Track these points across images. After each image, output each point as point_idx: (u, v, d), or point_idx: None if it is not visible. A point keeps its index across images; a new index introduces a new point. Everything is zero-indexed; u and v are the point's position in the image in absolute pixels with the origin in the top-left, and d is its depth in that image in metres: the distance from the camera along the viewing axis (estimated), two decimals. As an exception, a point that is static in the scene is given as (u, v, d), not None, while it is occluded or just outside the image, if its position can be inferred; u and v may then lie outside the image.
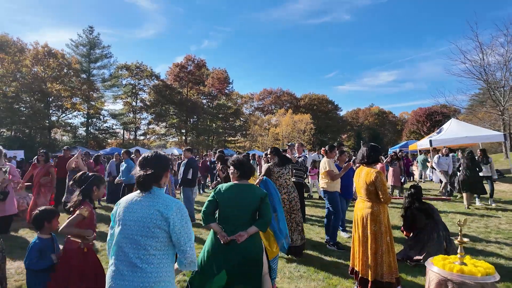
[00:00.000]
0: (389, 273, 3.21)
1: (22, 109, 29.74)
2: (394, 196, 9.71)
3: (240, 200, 2.58)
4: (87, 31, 36.96)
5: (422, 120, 43.35)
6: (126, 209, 1.81)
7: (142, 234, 1.73)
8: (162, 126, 43.75)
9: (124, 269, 1.71)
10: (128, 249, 1.73)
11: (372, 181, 3.31)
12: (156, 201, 1.78)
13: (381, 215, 3.32)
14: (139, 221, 1.75)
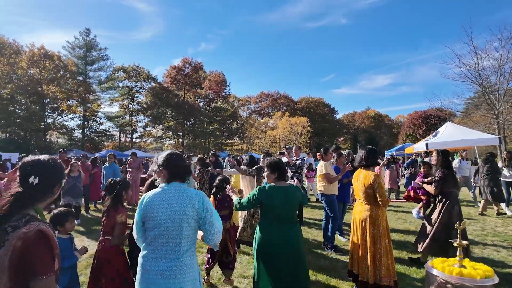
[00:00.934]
0: (388, 276, 3.21)
1: (17, 111, 29.55)
2: (391, 199, 9.75)
3: (289, 201, 2.76)
4: (84, 33, 36.93)
5: (418, 123, 43.66)
6: (158, 204, 1.96)
7: (176, 225, 1.91)
8: (159, 128, 43.64)
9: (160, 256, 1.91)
10: (163, 239, 1.91)
11: (370, 184, 3.32)
12: (186, 195, 1.99)
13: (379, 218, 3.33)
14: (173, 214, 1.93)
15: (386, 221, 3.43)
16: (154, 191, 2.05)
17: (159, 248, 1.91)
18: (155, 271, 1.88)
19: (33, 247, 1.20)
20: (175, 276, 1.88)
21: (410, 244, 5.32)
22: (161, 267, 1.88)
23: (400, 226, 6.59)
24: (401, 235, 5.89)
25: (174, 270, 1.88)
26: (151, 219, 1.96)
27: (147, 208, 1.98)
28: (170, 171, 2.06)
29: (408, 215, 7.72)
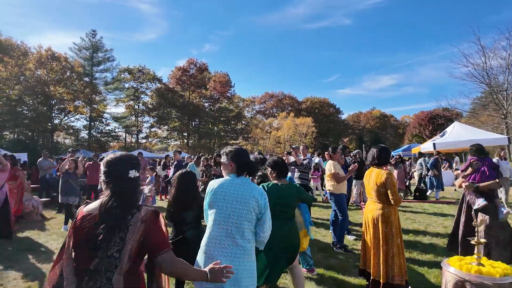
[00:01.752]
0: (400, 275, 3.20)
1: (25, 112, 29.84)
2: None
3: (285, 198, 2.95)
4: (90, 34, 37.17)
5: (424, 123, 43.31)
6: (225, 192, 2.14)
7: (240, 215, 2.08)
8: (164, 129, 43.79)
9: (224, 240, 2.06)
10: (228, 226, 2.08)
11: (382, 182, 3.31)
12: (251, 189, 2.16)
13: (392, 217, 3.31)
14: (237, 204, 2.10)
15: (398, 220, 3.41)
16: (222, 180, 2.23)
17: (223, 235, 2.06)
18: (219, 254, 2.02)
19: (155, 225, 1.45)
20: (238, 258, 2.03)
21: (420, 244, 5.29)
22: (225, 252, 2.04)
23: (409, 226, 6.54)
24: (410, 235, 5.84)
25: (239, 254, 2.05)
26: (218, 206, 2.13)
27: (214, 195, 2.16)
28: (238, 164, 2.23)
29: (417, 215, 7.67)
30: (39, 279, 3.92)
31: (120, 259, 1.38)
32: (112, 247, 1.38)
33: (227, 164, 2.31)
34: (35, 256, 4.84)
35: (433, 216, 7.55)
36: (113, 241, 1.38)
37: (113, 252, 1.37)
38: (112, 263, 1.37)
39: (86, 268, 1.37)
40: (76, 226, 1.47)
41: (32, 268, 4.32)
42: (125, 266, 1.38)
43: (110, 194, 1.48)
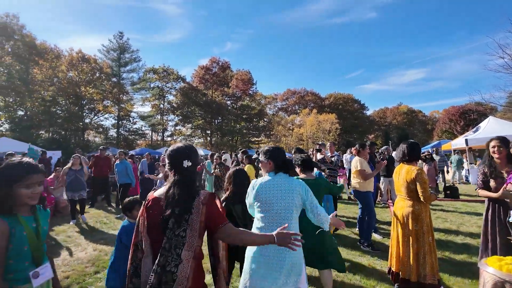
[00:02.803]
0: (432, 274, 3.10)
1: (58, 112, 31.43)
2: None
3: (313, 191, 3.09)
4: (117, 36, 38.47)
5: (455, 119, 41.27)
6: (269, 189, 2.36)
7: (286, 208, 2.28)
8: (188, 127, 44.64)
9: None
10: (276, 219, 2.28)
11: (413, 178, 3.20)
12: (292, 183, 2.38)
13: (422, 214, 3.20)
14: (283, 199, 2.31)
15: (430, 217, 3.29)
16: (264, 179, 2.44)
17: (272, 226, 2.23)
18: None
19: (213, 205, 1.67)
20: (287, 250, 2.15)
21: (452, 244, 5.08)
22: None
23: (440, 225, 6.28)
24: (442, 234, 5.61)
25: None
26: (264, 202, 2.35)
27: (259, 193, 2.37)
28: (276, 163, 2.44)
29: (448, 214, 7.35)
30: (75, 269, 4.13)
31: (186, 237, 1.59)
32: (178, 228, 1.60)
33: (265, 163, 2.51)
34: (72, 246, 5.11)
35: (466, 215, 7.21)
36: (179, 223, 1.60)
37: (180, 232, 1.60)
38: (180, 241, 1.58)
39: (159, 246, 1.59)
40: (147, 208, 1.74)
41: (68, 259, 4.56)
42: (191, 243, 1.60)
43: (172, 182, 1.72)
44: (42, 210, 1.82)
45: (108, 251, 4.88)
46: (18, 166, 1.62)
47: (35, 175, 1.65)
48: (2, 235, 1.54)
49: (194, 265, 1.60)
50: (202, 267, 1.71)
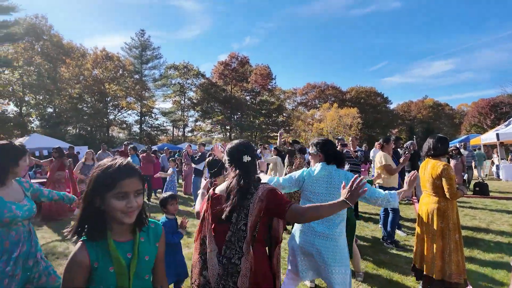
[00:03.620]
0: (458, 273, 2.99)
1: (84, 109, 32.67)
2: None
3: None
4: (139, 34, 39.25)
5: (485, 112, 39.36)
6: (320, 179, 2.54)
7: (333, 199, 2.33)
8: (208, 123, 45.13)
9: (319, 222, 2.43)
10: None
11: (438, 174, 3.09)
12: (341, 174, 2.53)
13: (448, 211, 3.09)
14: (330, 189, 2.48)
15: (457, 214, 3.17)
16: (314, 168, 2.61)
17: None
18: (315, 232, 2.45)
19: (272, 194, 1.70)
20: (332, 239, 2.40)
21: (482, 243, 4.88)
22: (321, 230, 2.44)
23: (469, 223, 6.03)
24: (470, 232, 5.40)
25: (332, 235, 2.42)
26: (312, 192, 2.53)
27: (309, 181, 2.57)
28: (325, 155, 2.58)
29: (477, 211, 7.05)
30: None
31: (246, 231, 1.66)
32: (239, 221, 1.67)
33: (315, 155, 2.64)
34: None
35: (496, 213, 6.88)
36: (239, 217, 1.67)
37: (240, 226, 1.67)
38: (241, 235, 1.66)
39: (223, 239, 1.69)
40: (211, 204, 1.81)
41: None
42: (250, 236, 1.66)
43: (233, 177, 1.77)
44: (151, 231, 1.36)
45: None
46: (112, 169, 1.17)
47: (128, 180, 1.17)
48: (78, 270, 1.13)
49: (255, 257, 1.68)
50: (265, 257, 1.78)
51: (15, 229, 2.10)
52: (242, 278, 1.61)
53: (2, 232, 2.03)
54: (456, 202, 3.19)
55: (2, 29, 22.75)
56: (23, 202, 2.18)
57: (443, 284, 3.02)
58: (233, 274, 1.63)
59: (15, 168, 2.17)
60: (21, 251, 2.11)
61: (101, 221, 1.19)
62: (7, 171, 2.13)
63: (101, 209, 1.17)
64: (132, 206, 1.17)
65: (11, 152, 2.16)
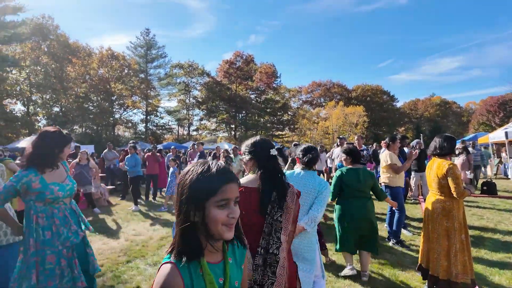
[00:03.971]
0: (464, 273, 2.97)
1: (90, 108, 32.92)
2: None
3: (363, 181, 3.60)
4: (144, 33, 39.41)
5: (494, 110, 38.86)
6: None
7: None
8: (213, 121, 45.19)
9: None
10: None
11: (444, 173, 3.07)
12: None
13: (454, 211, 3.07)
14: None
15: (464, 214, 3.14)
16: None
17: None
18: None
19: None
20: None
21: (489, 243, 4.82)
22: None
23: (476, 223, 5.96)
24: (477, 232, 5.33)
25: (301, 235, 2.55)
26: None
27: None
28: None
29: (485, 211, 6.96)
30: (109, 258, 4.34)
31: (282, 222, 1.71)
32: (276, 213, 1.72)
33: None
34: (105, 236, 5.37)
35: (504, 213, 6.79)
36: (274, 209, 1.72)
37: (277, 217, 1.71)
38: (278, 226, 1.70)
39: (261, 230, 1.71)
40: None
41: (102, 248, 4.80)
42: (286, 228, 1.72)
43: (263, 171, 1.80)
44: (237, 250, 1.16)
45: (139, 242, 5.08)
46: (210, 172, 0.99)
47: (230, 185, 1.00)
48: None
49: (288, 248, 1.77)
50: (290, 250, 1.85)
51: (57, 207, 2.32)
52: (280, 268, 1.66)
53: (46, 210, 2.26)
54: (462, 202, 3.16)
55: (9, 29, 23.04)
56: (66, 182, 2.42)
57: (449, 284, 2.99)
58: (272, 264, 1.66)
59: (60, 154, 2.43)
60: (71, 227, 2.35)
61: (197, 238, 0.99)
62: (56, 156, 2.39)
63: (195, 223, 0.98)
64: (235, 217, 0.99)
65: (60, 139, 2.41)
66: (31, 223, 2.22)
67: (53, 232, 2.24)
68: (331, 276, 3.67)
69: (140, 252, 4.55)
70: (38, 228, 2.21)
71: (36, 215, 2.23)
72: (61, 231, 2.26)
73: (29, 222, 2.23)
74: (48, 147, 2.33)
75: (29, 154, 2.29)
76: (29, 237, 2.20)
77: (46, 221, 2.24)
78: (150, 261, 4.21)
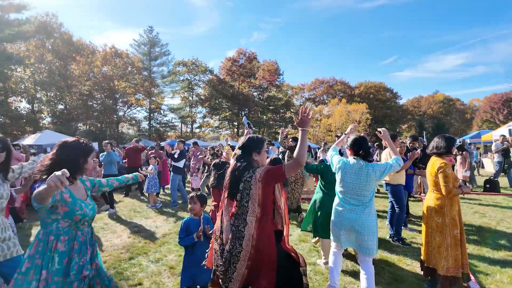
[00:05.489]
0: (456, 267, 3.08)
1: (94, 106, 33.05)
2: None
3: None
4: (148, 30, 39.38)
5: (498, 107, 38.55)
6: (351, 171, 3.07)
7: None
8: (216, 119, 45.25)
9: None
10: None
11: (436, 171, 3.20)
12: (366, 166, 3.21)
13: (446, 207, 3.17)
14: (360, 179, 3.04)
15: (458, 211, 3.23)
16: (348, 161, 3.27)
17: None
18: (346, 209, 3.01)
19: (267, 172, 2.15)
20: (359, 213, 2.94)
21: (490, 241, 4.82)
22: (349, 207, 2.99)
23: (478, 221, 5.95)
24: (479, 230, 5.33)
25: (358, 210, 2.94)
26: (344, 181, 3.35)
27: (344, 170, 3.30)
28: (354, 150, 3.10)
29: (487, 209, 6.95)
30: (111, 255, 4.40)
31: (248, 207, 2.14)
32: (242, 199, 2.17)
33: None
34: (108, 233, 5.43)
35: (508, 210, 6.77)
36: (242, 196, 2.17)
37: (243, 203, 2.16)
38: (245, 209, 2.15)
39: (233, 212, 2.22)
40: (225, 187, 2.35)
41: (105, 245, 4.86)
42: (252, 211, 2.13)
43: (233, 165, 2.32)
44: None
45: (141, 239, 5.13)
46: None
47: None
48: None
49: (257, 227, 2.11)
50: (268, 229, 2.15)
51: (82, 229, 2.08)
52: (246, 241, 2.10)
53: (69, 231, 2.00)
54: (457, 199, 3.25)
55: (14, 28, 23.14)
56: (88, 201, 2.15)
57: (443, 277, 3.09)
58: (239, 238, 2.12)
59: (85, 164, 2.17)
60: (91, 252, 2.11)
61: None
62: (80, 167, 2.14)
63: None
64: None
65: (83, 148, 2.17)
66: (48, 251, 1.92)
67: (69, 258, 1.97)
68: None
69: (143, 249, 4.60)
70: (55, 255, 1.93)
71: (56, 239, 1.95)
72: (76, 258, 1.99)
73: (44, 250, 1.93)
74: (69, 157, 2.07)
75: (49, 166, 2.00)
76: (42, 269, 1.89)
77: (67, 245, 1.97)
78: (153, 258, 4.26)
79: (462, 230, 3.20)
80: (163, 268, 3.90)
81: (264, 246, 2.09)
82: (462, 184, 3.33)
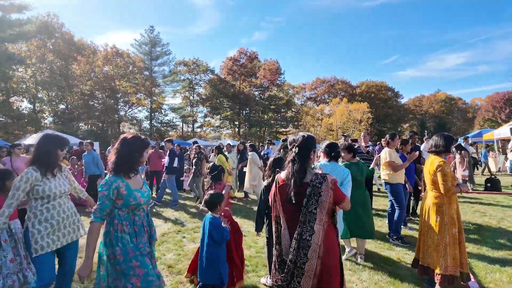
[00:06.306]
0: (454, 266, 3.07)
1: (96, 105, 33.14)
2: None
3: (364, 172, 4.19)
4: (149, 30, 39.42)
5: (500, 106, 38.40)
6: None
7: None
8: (217, 118, 45.21)
9: None
10: None
11: (434, 170, 3.20)
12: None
13: (444, 206, 3.16)
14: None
15: (457, 210, 3.22)
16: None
17: None
18: None
19: (337, 188, 2.05)
20: None
21: (491, 240, 4.79)
22: None
23: (478, 220, 5.93)
24: (479, 229, 5.31)
25: None
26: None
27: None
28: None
29: (488, 208, 6.92)
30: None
31: (317, 214, 1.98)
32: (310, 206, 1.99)
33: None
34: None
35: (508, 209, 6.74)
36: (310, 202, 1.99)
37: (312, 209, 1.98)
38: (312, 217, 1.98)
39: (297, 220, 2.01)
40: (279, 189, 2.15)
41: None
42: (320, 218, 1.97)
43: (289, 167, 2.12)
44: None
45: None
46: None
47: None
48: None
49: (324, 236, 1.98)
50: (333, 238, 2.06)
51: (138, 214, 2.32)
52: (311, 252, 1.95)
53: (127, 217, 2.26)
54: (455, 197, 3.24)
55: (15, 28, 23.22)
56: (143, 189, 2.40)
57: (444, 277, 3.07)
58: (304, 248, 1.96)
59: (141, 158, 2.38)
60: (143, 237, 2.33)
61: None
62: (137, 161, 2.35)
63: None
64: None
65: (141, 144, 2.38)
66: (116, 232, 2.20)
67: (137, 239, 2.27)
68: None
69: (142, 248, 4.60)
70: (125, 235, 2.21)
71: (120, 223, 2.22)
72: (139, 239, 2.28)
73: (114, 232, 2.21)
74: (129, 152, 2.30)
75: (115, 161, 2.28)
76: (115, 246, 2.18)
77: (130, 228, 2.25)
78: (152, 256, 4.26)
79: (460, 229, 3.19)
80: (161, 267, 3.90)
81: (329, 255, 2.00)
82: (460, 183, 3.32)
